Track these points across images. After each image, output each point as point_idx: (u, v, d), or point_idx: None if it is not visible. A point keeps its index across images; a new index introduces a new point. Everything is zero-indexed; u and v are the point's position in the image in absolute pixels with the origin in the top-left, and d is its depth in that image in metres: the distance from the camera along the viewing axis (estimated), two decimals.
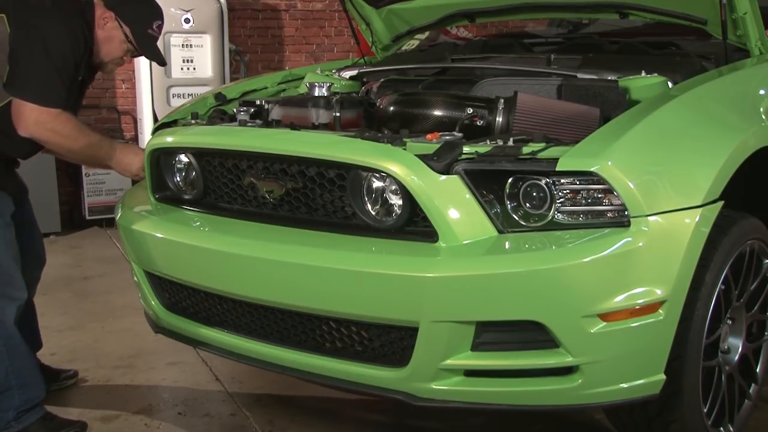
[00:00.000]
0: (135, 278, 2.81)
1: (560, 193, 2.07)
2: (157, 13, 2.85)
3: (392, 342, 2.20)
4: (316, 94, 2.69)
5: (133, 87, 6.49)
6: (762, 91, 2.59)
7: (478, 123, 2.47)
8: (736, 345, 2.56)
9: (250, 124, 2.69)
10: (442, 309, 2.05)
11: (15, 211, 2.74)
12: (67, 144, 2.67)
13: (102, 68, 2.88)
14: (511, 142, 2.17)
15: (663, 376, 2.15)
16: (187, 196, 2.73)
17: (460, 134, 2.31)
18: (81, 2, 2.75)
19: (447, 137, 2.24)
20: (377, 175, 2.23)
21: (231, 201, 2.58)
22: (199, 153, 2.63)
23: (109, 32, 2.77)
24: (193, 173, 2.69)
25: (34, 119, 2.58)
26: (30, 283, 2.85)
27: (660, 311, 2.07)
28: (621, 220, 2.04)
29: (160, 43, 2.91)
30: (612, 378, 2.10)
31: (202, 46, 6.19)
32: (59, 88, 2.61)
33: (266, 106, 2.78)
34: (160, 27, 2.86)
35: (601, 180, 2.02)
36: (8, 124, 2.60)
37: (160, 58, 2.92)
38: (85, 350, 3.62)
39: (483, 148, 2.14)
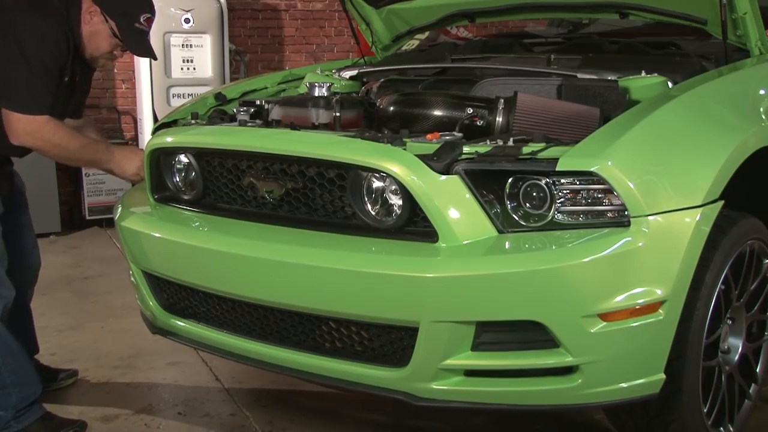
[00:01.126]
0: (132, 279, 2.81)
1: (560, 193, 2.07)
2: (146, 6, 2.76)
3: (392, 342, 2.20)
4: (316, 94, 2.69)
5: (133, 87, 6.49)
6: (762, 91, 2.59)
7: (478, 123, 2.47)
8: (736, 345, 2.56)
9: (250, 124, 2.68)
10: (442, 309, 2.05)
11: (8, 213, 2.73)
12: (59, 151, 2.66)
13: (93, 63, 2.84)
14: (511, 142, 2.17)
15: (663, 376, 2.15)
16: (186, 197, 2.72)
17: (460, 134, 2.31)
18: None
19: (447, 137, 2.24)
20: (377, 175, 2.23)
21: (230, 201, 2.58)
22: (198, 153, 2.63)
23: (95, 27, 2.71)
24: (193, 173, 2.69)
25: (23, 129, 2.57)
26: (26, 286, 2.84)
27: (660, 311, 2.07)
28: (621, 220, 2.04)
29: (159, 43, 2.88)
30: (612, 378, 2.10)
31: (202, 46, 6.18)
32: (43, 94, 2.58)
33: (266, 106, 2.78)
34: (149, 20, 2.76)
35: (601, 180, 2.02)
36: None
37: (149, 53, 2.83)
38: (85, 350, 3.62)
39: (483, 148, 2.14)
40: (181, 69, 6.15)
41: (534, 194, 2.09)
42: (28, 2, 2.61)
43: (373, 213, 2.27)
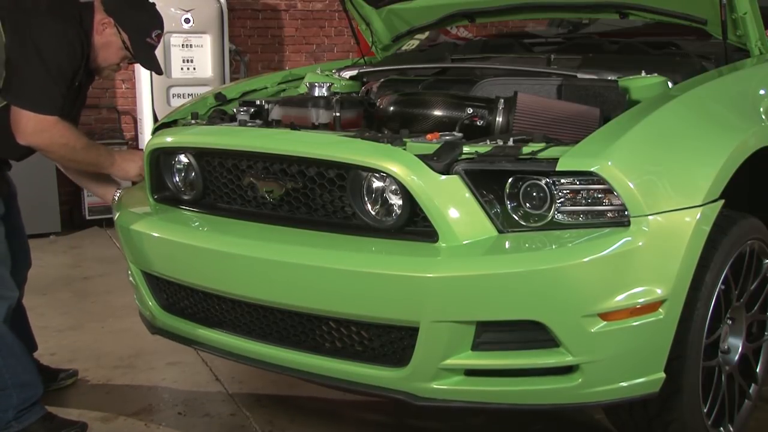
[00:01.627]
0: (131, 279, 2.81)
1: (560, 193, 2.07)
2: (158, 22, 2.84)
3: (392, 342, 2.20)
4: (316, 94, 2.69)
5: (133, 87, 6.49)
6: (762, 91, 2.59)
7: (478, 123, 2.47)
8: (736, 345, 2.56)
9: (250, 124, 2.68)
10: (443, 309, 2.05)
11: (7, 214, 2.74)
12: (65, 152, 2.67)
13: (98, 73, 2.87)
14: (511, 142, 2.17)
15: (662, 375, 2.15)
16: (186, 197, 2.72)
17: (460, 134, 2.31)
18: (79, 5, 2.73)
19: (447, 137, 2.24)
20: (377, 175, 2.23)
21: (230, 201, 2.58)
22: (198, 153, 2.63)
23: (108, 38, 2.76)
24: (193, 173, 2.69)
25: (32, 128, 2.58)
26: (18, 285, 2.85)
27: (660, 310, 2.07)
28: (621, 219, 2.04)
29: (160, 44, 2.90)
30: (612, 377, 2.10)
31: (202, 46, 6.19)
32: (55, 96, 2.60)
33: (266, 106, 2.78)
34: (159, 36, 2.84)
35: (601, 180, 2.02)
36: (2, 127, 2.60)
37: (157, 68, 2.90)
38: (85, 350, 3.62)
39: (483, 148, 2.14)
40: (181, 69, 6.15)
41: (534, 194, 2.09)
42: (46, 5, 2.64)
43: (373, 213, 2.27)
